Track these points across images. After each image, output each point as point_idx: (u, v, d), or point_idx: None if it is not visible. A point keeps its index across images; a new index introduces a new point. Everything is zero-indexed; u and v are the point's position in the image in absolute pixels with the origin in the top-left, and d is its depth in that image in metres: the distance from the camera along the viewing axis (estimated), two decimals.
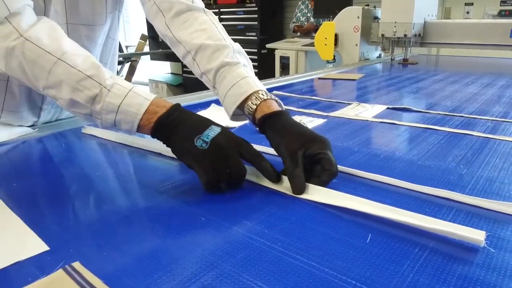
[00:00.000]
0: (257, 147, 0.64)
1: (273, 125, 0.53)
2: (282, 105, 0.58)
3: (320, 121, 0.82)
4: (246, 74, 0.59)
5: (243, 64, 0.61)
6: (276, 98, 0.57)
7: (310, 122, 0.81)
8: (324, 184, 0.48)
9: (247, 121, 0.80)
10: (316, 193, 0.46)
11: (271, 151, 0.62)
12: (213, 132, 0.48)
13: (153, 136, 0.50)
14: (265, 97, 0.55)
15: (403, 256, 0.35)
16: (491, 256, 0.35)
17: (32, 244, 0.37)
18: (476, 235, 0.36)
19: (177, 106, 0.51)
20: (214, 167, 0.47)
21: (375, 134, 0.74)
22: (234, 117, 0.60)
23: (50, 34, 0.53)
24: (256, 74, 0.63)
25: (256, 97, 0.55)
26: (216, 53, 0.61)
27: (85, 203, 0.47)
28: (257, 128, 0.56)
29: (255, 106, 0.55)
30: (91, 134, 0.73)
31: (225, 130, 0.50)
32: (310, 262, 0.34)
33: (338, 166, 0.50)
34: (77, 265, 0.34)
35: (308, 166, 0.49)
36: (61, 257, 0.35)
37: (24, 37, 0.51)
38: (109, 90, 0.50)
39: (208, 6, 4.55)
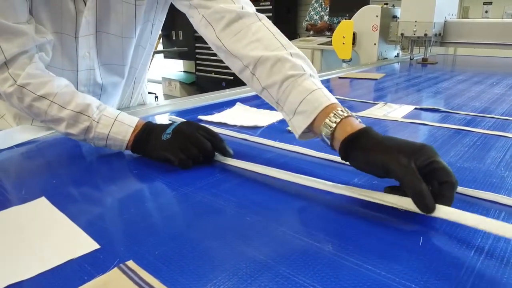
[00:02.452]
0: (288, 147, 0.64)
1: (362, 144, 0.45)
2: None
3: None
4: (315, 87, 0.52)
5: (309, 74, 0.54)
6: (352, 113, 0.49)
7: None
8: (450, 201, 0.40)
9: (281, 120, 0.80)
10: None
11: (301, 150, 0.62)
12: (174, 125, 0.58)
13: (133, 152, 0.60)
14: (345, 114, 0.48)
15: (459, 259, 0.34)
16: None
17: (83, 242, 0.37)
18: None
19: (147, 124, 0.60)
20: (181, 149, 0.55)
21: (408, 135, 0.73)
22: (303, 135, 0.53)
23: (41, 77, 0.61)
24: None
25: (334, 114, 0.48)
26: (277, 65, 0.55)
27: (127, 201, 0.47)
28: (337, 151, 0.48)
29: (334, 125, 0.47)
30: None
31: (185, 120, 0.59)
32: (364, 264, 0.33)
33: None
34: (131, 263, 0.34)
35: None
36: (114, 255, 0.35)
37: (18, 85, 0.60)
38: (97, 122, 0.59)
39: None
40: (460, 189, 0.47)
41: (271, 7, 4.03)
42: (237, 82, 0.81)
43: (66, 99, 0.60)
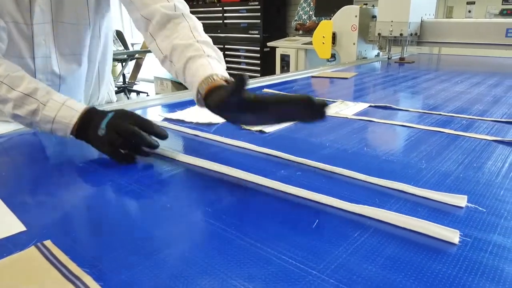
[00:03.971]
0: (231, 142, 0.68)
1: (212, 96, 0.56)
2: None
3: None
4: (206, 62, 0.62)
5: (207, 54, 0.64)
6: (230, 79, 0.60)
7: None
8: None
9: None
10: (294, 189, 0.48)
11: (244, 144, 0.66)
12: (107, 118, 0.58)
13: (77, 138, 0.61)
14: (214, 80, 0.59)
15: (341, 239, 0.38)
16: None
17: (11, 225, 0.41)
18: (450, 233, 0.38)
19: (88, 110, 0.61)
20: (111, 142, 0.57)
21: (350, 131, 0.77)
22: (199, 104, 0.63)
23: None
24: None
25: (208, 80, 0.59)
26: (184, 51, 0.65)
27: (65, 190, 0.51)
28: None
29: (204, 87, 0.59)
30: None
31: (118, 111, 0.60)
32: (254, 242, 0.38)
33: (304, 159, 0.53)
34: (48, 243, 0.38)
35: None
36: (35, 236, 0.39)
37: None
38: (44, 105, 0.60)
39: (212, 4, 4.55)
40: (368, 178, 0.52)
41: (259, 7, 4.07)
42: None
43: (16, 81, 0.62)
